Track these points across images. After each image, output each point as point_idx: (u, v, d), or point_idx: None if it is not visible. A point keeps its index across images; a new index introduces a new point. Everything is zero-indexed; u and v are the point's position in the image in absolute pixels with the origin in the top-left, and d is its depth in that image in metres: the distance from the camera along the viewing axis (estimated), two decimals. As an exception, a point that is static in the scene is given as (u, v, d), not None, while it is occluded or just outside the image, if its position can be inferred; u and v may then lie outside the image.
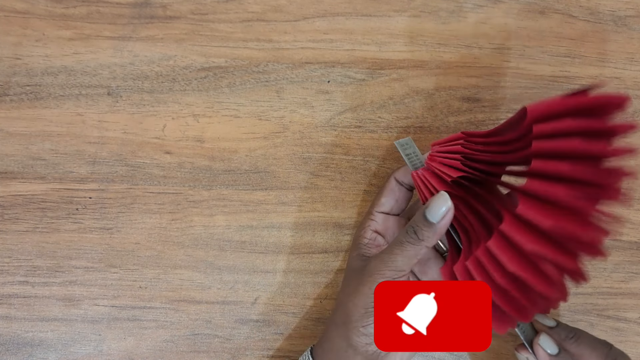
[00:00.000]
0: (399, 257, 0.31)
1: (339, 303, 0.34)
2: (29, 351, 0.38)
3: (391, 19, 0.43)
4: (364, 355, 0.32)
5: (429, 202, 0.31)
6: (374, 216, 0.36)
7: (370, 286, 0.31)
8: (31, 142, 0.40)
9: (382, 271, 0.31)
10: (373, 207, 0.36)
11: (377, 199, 0.36)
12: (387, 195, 0.36)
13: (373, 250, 0.35)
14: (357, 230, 0.36)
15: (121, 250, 0.39)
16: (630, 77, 0.43)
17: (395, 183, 0.36)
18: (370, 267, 0.32)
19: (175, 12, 0.42)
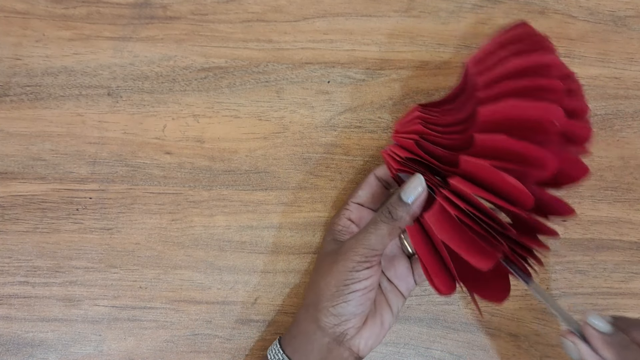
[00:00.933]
0: (373, 236, 0.32)
1: (311, 284, 0.35)
2: (29, 351, 0.38)
3: (391, 19, 0.43)
4: (332, 336, 0.32)
5: (405, 183, 0.32)
6: (350, 206, 0.37)
7: (344, 264, 0.32)
8: (31, 143, 0.40)
9: (356, 249, 0.32)
10: (350, 198, 0.37)
11: (354, 191, 0.37)
12: (364, 188, 0.37)
13: (346, 236, 0.35)
14: (333, 218, 0.37)
15: (121, 250, 0.39)
16: (630, 77, 0.43)
17: (373, 178, 0.37)
18: (345, 246, 0.33)
19: (175, 13, 0.42)
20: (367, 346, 0.33)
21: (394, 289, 0.36)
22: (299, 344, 0.33)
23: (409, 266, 0.37)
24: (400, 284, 0.36)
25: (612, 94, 0.43)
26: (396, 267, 0.37)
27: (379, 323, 0.34)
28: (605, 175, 0.42)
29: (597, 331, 0.29)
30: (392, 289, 0.36)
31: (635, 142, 0.42)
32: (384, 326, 0.34)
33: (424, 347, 0.39)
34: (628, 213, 0.41)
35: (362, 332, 0.33)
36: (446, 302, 0.40)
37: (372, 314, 0.34)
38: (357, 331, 0.33)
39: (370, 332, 0.33)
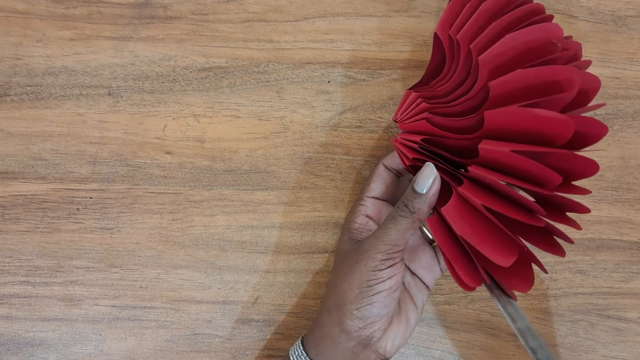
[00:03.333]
0: (393, 231, 0.31)
1: (331, 287, 0.33)
2: (30, 351, 0.38)
3: (391, 19, 0.43)
4: (358, 340, 0.31)
5: (417, 175, 0.31)
6: (365, 201, 0.36)
7: (365, 263, 0.31)
8: (32, 142, 0.40)
9: (377, 247, 0.31)
10: (363, 193, 0.36)
11: (366, 184, 0.36)
12: (376, 180, 0.36)
13: (364, 234, 0.34)
14: (348, 216, 0.36)
15: (122, 250, 0.39)
16: (630, 77, 0.43)
17: (383, 168, 0.36)
18: (365, 244, 0.32)
19: (175, 13, 0.42)
20: (394, 347, 0.32)
21: (417, 283, 0.35)
22: (323, 348, 0.32)
23: (433, 254, 0.36)
24: (425, 275, 0.35)
25: (612, 93, 0.43)
26: (421, 258, 0.36)
27: (404, 321, 0.33)
28: (605, 175, 0.42)
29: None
30: (415, 284, 0.35)
31: (635, 142, 0.42)
32: (409, 324, 0.33)
33: (425, 347, 0.40)
34: (628, 213, 0.41)
35: (388, 333, 0.32)
36: (446, 302, 0.40)
37: (396, 313, 0.33)
38: (383, 333, 0.32)
39: (396, 332, 0.32)
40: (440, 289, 0.40)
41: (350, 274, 0.32)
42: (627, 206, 0.41)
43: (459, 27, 0.32)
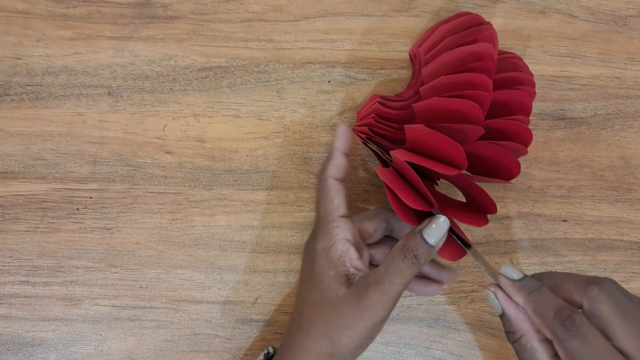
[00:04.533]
0: (400, 286, 0.30)
1: (322, 333, 0.31)
2: (30, 351, 0.38)
3: (392, 18, 0.43)
4: None
5: (428, 223, 0.31)
6: (336, 222, 0.33)
7: (372, 320, 0.30)
8: (32, 142, 0.40)
9: (385, 304, 0.30)
10: (329, 214, 0.33)
11: (326, 204, 0.34)
12: (337, 196, 0.34)
13: (352, 269, 0.32)
14: (320, 240, 0.33)
15: (122, 250, 0.39)
16: (631, 77, 0.43)
17: (335, 182, 0.34)
18: (370, 300, 0.30)
19: (175, 12, 0.42)
20: None
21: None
22: None
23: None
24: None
25: (613, 93, 0.43)
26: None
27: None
28: (606, 175, 0.42)
29: (509, 279, 0.30)
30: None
31: (636, 141, 0.42)
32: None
33: (425, 347, 0.39)
34: (629, 213, 0.41)
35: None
36: (447, 302, 0.40)
37: None
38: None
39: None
40: (441, 289, 0.40)
41: (352, 328, 0.30)
42: (628, 206, 0.41)
43: (419, 45, 0.40)
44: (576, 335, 0.26)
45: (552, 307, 0.27)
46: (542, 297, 0.28)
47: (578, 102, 0.42)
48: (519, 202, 0.41)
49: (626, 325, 0.26)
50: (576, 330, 0.26)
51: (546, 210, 0.41)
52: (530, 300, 0.28)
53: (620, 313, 0.26)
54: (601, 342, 0.26)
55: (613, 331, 0.26)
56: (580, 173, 0.42)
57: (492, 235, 0.41)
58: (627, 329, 0.26)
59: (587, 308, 0.27)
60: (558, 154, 0.42)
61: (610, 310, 0.26)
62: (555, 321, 0.27)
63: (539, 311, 0.28)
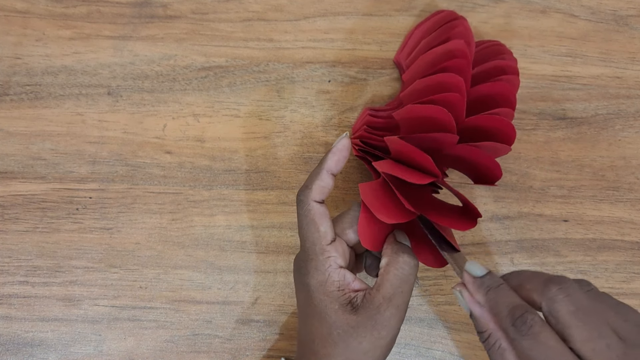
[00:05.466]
0: (409, 294, 0.31)
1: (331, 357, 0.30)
2: (29, 351, 0.38)
3: (392, 18, 0.43)
4: None
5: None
6: (327, 252, 0.31)
7: (392, 335, 0.30)
8: (31, 142, 0.40)
9: (400, 316, 0.30)
10: (317, 245, 0.31)
11: (313, 233, 0.31)
12: (323, 222, 0.32)
13: (352, 294, 0.31)
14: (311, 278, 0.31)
15: (121, 250, 0.39)
16: (631, 76, 0.43)
17: (318, 205, 0.32)
18: (387, 319, 0.30)
19: (175, 12, 0.42)
20: None
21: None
22: None
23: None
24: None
25: (613, 93, 0.43)
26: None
27: None
28: (607, 175, 0.42)
29: (470, 275, 0.29)
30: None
31: (637, 141, 0.42)
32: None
33: (425, 347, 0.39)
34: (630, 213, 0.41)
35: None
36: (447, 303, 0.40)
37: None
38: None
39: None
40: (441, 289, 0.40)
41: (374, 349, 0.30)
42: (629, 206, 0.41)
43: (400, 51, 0.41)
44: (527, 335, 0.25)
45: (506, 306, 0.26)
46: (499, 295, 0.27)
47: (579, 102, 0.42)
48: (520, 202, 0.41)
49: (582, 327, 0.25)
50: (527, 330, 0.25)
51: (547, 210, 0.41)
52: (487, 298, 0.28)
53: (577, 314, 0.25)
54: (553, 342, 0.25)
55: (569, 333, 0.25)
56: (581, 173, 0.41)
57: (492, 236, 0.41)
58: (583, 330, 0.25)
59: (545, 309, 0.26)
60: (559, 154, 0.42)
61: (567, 311, 0.25)
62: (507, 320, 0.26)
63: (494, 309, 0.27)
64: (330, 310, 0.30)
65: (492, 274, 0.29)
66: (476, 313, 0.28)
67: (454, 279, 0.40)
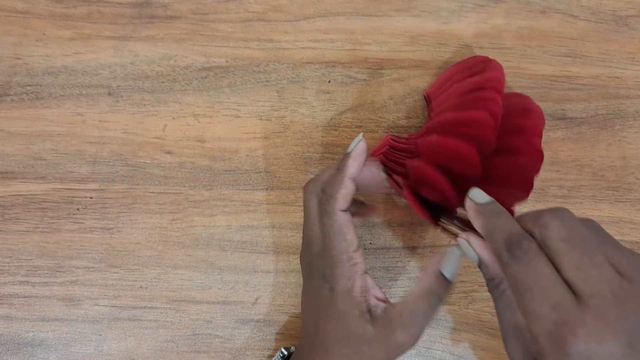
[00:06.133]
0: (425, 326, 0.31)
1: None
2: (30, 351, 0.38)
3: (392, 18, 0.43)
4: None
5: (445, 262, 0.30)
6: (353, 260, 0.31)
7: (403, 352, 0.30)
8: (32, 142, 0.40)
9: (414, 341, 0.30)
10: (344, 254, 0.31)
11: (340, 242, 0.31)
12: (349, 231, 0.32)
13: (373, 301, 0.31)
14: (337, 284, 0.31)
15: (122, 250, 0.39)
16: (631, 76, 0.43)
17: (345, 215, 0.32)
18: (400, 342, 0.30)
19: (175, 12, 0.42)
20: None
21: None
22: None
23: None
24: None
25: (613, 93, 0.43)
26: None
27: None
28: (606, 175, 0.42)
29: (472, 201, 0.28)
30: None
31: (636, 141, 0.42)
32: None
33: (425, 347, 0.39)
34: (629, 213, 0.41)
35: None
36: (447, 303, 0.40)
37: None
38: None
39: None
40: (441, 289, 0.40)
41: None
42: (628, 206, 0.41)
43: (431, 86, 0.41)
44: (520, 261, 0.24)
45: (503, 232, 0.25)
46: (499, 222, 0.26)
47: (578, 102, 0.42)
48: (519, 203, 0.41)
49: (574, 253, 0.23)
50: (522, 255, 0.24)
51: (546, 210, 0.41)
52: (486, 224, 0.27)
53: (569, 241, 0.24)
54: (546, 270, 0.23)
55: (560, 260, 0.24)
56: (581, 173, 0.42)
57: (492, 236, 0.41)
58: (574, 258, 0.23)
59: (538, 237, 0.25)
60: (558, 154, 0.42)
61: (559, 237, 0.24)
62: (502, 245, 0.25)
63: (491, 236, 0.26)
64: (350, 316, 0.31)
65: (495, 202, 0.28)
66: (486, 259, 0.27)
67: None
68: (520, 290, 0.24)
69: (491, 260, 0.27)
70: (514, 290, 0.25)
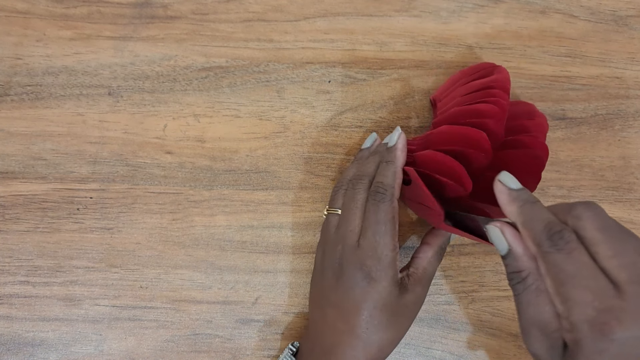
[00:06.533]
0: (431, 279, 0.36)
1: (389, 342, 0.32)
2: (30, 351, 0.38)
3: (392, 18, 0.43)
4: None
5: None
6: (397, 248, 0.32)
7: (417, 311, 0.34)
8: (32, 142, 0.40)
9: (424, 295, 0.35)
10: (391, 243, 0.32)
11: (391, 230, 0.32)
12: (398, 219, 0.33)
13: (399, 275, 0.33)
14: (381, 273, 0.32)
15: (122, 250, 0.39)
16: (631, 76, 0.43)
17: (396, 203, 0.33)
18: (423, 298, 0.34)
19: (176, 12, 0.42)
20: None
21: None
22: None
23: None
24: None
25: (613, 93, 0.43)
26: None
27: None
28: (606, 175, 0.42)
29: (505, 186, 0.28)
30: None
31: (636, 141, 0.42)
32: None
33: (425, 347, 0.39)
34: (629, 213, 0.41)
35: None
36: (447, 302, 0.40)
37: None
38: None
39: None
40: (440, 289, 0.40)
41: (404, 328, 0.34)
42: (628, 206, 0.41)
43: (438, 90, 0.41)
44: (562, 250, 0.25)
45: (542, 220, 0.26)
46: (535, 210, 0.27)
47: (578, 102, 0.42)
48: (519, 202, 0.41)
49: (609, 242, 0.24)
50: (564, 244, 0.25)
51: (546, 210, 0.41)
52: (522, 212, 0.27)
53: (604, 230, 0.25)
54: (585, 258, 0.24)
55: (596, 249, 0.24)
56: (581, 173, 0.42)
57: (492, 235, 0.41)
58: (610, 246, 0.24)
59: (571, 226, 0.25)
60: (558, 154, 0.42)
61: (594, 227, 0.25)
62: (543, 234, 0.26)
63: (529, 224, 0.27)
64: (394, 297, 0.32)
65: (526, 189, 0.28)
66: (518, 251, 0.27)
67: (453, 279, 0.40)
68: (562, 279, 0.25)
69: (523, 252, 0.27)
70: (553, 278, 0.25)
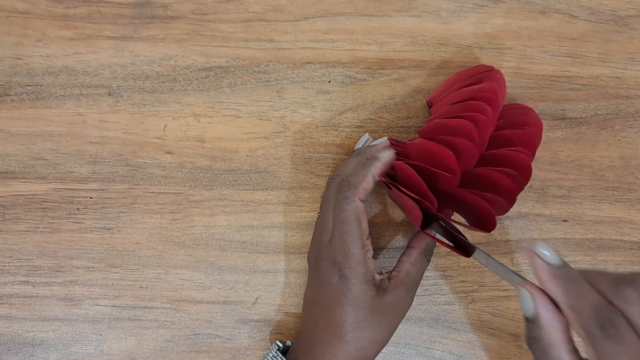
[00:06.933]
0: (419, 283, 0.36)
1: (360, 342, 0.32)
2: (30, 351, 0.38)
3: (392, 18, 0.43)
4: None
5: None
6: (366, 247, 0.33)
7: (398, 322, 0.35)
8: (32, 142, 0.40)
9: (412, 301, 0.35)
10: (359, 241, 0.33)
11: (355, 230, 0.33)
12: (364, 219, 0.33)
13: (377, 277, 0.33)
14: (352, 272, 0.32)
15: (122, 250, 0.39)
16: (631, 77, 0.43)
17: (361, 204, 0.34)
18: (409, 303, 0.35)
19: (176, 12, 0.42)
20: None
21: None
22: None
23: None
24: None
25: (613, 93, 0.43)
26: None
27: None
28: (606, 175, 0.42)
29: (545, 262, 0.27)
30: None
31: (636, 141, 0.42)
32: None
33: (425, 347, 0.39)
34: (629, 213, 0.41)
35: None
36: (447, 302, 0.40)
37: None
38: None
39: None
40: (440, 289, 0.40)
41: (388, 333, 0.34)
42: (628, 206, 0.41)
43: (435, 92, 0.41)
44: (613, 337, 0.24)
45: (590, 305, 0.25)
46: (581, 291, 0.26)
47: (578, 102, 0.42)
48: (519, 202, 0.41)
49: None
50: (615, 333, 0.24)
51: (546, 210, 0.41)
52: (568, 292, 0.26)
53: None
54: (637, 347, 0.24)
55: None
56: (581, 173, 0.42)
57: (492, 235, 0.41)
58: None
59: (618, 308, 0.25)
60: (558, 154, 0.42)
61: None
62: (592, 320, 0.25)
63: (576, 306, 0.25)
64: (368, 297, 0.32)
65: (567, 264, 0.27)
66: (545, 320, 0.27)
67: (453, 279, 0.40)
68: None
69: (551, 321, 0.27)
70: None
